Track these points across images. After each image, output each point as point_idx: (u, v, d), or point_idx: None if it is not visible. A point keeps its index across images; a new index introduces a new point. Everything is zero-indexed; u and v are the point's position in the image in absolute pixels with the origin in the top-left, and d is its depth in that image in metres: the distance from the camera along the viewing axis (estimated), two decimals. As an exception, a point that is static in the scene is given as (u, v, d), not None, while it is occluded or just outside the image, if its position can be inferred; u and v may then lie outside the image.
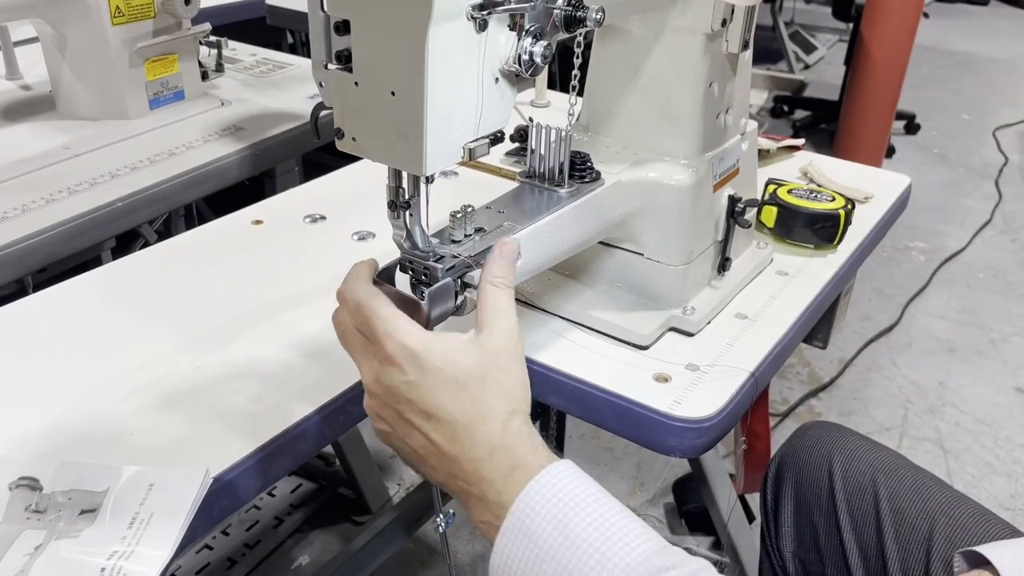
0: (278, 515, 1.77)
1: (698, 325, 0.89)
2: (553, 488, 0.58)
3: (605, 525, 0.56)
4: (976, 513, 0.88)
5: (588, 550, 0.55)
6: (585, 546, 0.55)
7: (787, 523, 0.99)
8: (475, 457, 0.60)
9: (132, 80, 1.31)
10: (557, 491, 0.58)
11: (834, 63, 4.84)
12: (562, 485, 0.58)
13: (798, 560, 0.98)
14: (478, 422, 0.60)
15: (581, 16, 0.65)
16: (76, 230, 1.07)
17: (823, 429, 1.01)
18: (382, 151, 0.63)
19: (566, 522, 0.56)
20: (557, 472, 0.58)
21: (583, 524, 0.56)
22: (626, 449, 2.03)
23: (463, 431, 0.60)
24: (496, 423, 0.60)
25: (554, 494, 0.57)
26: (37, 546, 0.63)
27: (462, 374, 0.60)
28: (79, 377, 0.81)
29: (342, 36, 0.60)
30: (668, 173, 0.85)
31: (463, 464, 0.60)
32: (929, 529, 0.88)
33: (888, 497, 0.91)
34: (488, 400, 0.60)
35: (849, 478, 0.94)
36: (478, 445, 0.60)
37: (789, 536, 0.99)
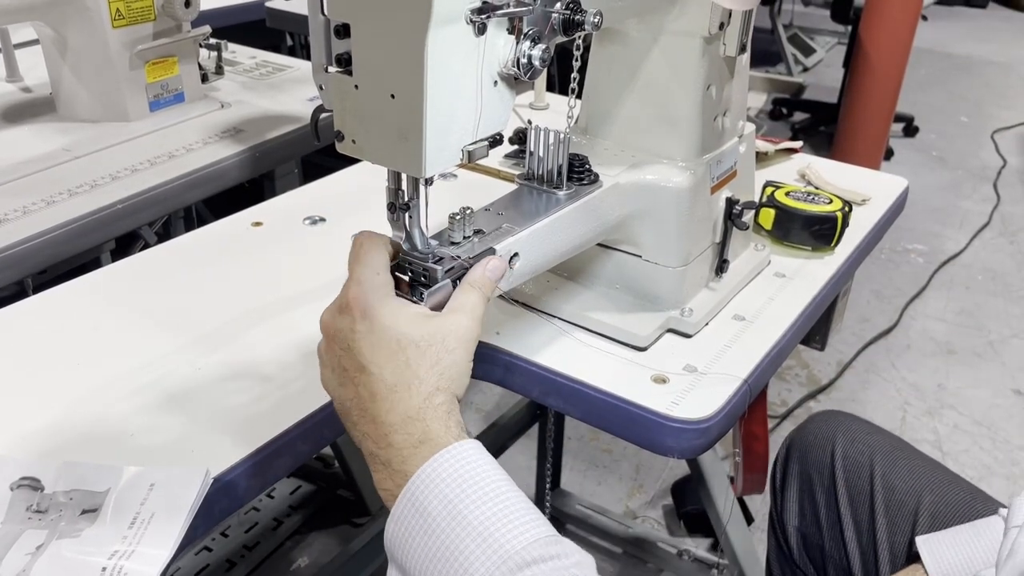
0: (277, 517, 1.77)
1: (696, 326, 0.89)
2: (453, 465, 0.59)
3: (496, 507, 0.57)
4: (964, 492, 0.92)
5: (472, 531, 0.56)
6: (471, 527, 0.56)
7: (792, 499, 1.04)
8: (390, 421, 0.61)
9: (132, 82, 1.32)
10: (455, 469, 0.59)
11: (833, 66, 4.85)
12: (462, 463, 0.59)
13: (800, 534, 1.02)
14: (403, 388, 0.61)
15: (579, 20, 0.66)
16: (76, 232, 1.08)
17: (831, 415, 1.07)
18: (382, 153, 0.63)
19: (457, 501, 0.57)
20: (460, 450, 0.60)
21: (474, 504, 0.57)
22: (625, 451, 2.03)
23: (387, 392, 0.61)
24: (419, 394, 0.61)
25: (452, 472, 0.58)
26: (38, 546, 0.63)
27: (405, 338, 0.62)
28: (80, 378, 0.81)
29: (342, 39, 0.60)
30: (666, 175, 0.86)
31: (378, 425, 0.61)
32: (916, 505, 0.92)
33: (882, 475, 0.96)
34: (420, 371, 0.62)
35: (849, 457, 0.99)
36: (395, 410, 0.61)
37: (793, 512, 1.03)
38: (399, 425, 0.61)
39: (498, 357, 0.85)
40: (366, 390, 0.62)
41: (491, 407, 2.15)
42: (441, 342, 0.63)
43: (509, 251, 0.73)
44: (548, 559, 0.55)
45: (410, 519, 0.59)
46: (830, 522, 0.98)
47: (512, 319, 0.90)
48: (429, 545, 0.57)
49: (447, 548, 0.57)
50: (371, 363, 0.62)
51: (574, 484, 1.93)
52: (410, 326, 0.62)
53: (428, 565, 0.57)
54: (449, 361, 0.63)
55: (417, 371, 0.62)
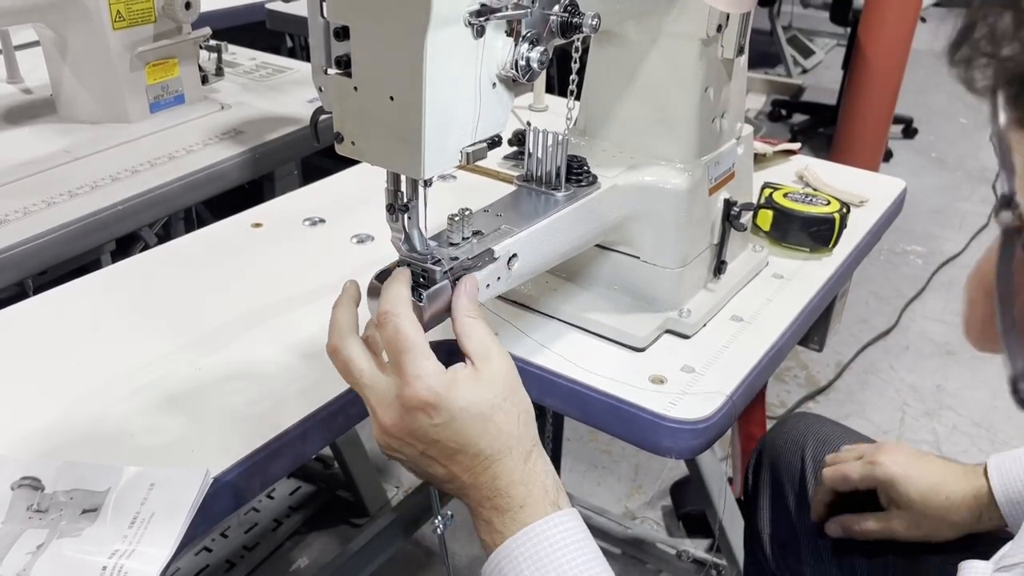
0: (277, 517, 1.77)
1: (694, 327, 0.90)
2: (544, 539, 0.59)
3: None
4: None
5: None
6: None
7: (764, 506, 1.02)
8: (495, 487, 0.61)
9: (132, 84, 1.32)
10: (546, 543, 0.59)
11: (832, 67, 4.85)
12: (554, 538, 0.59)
13: (775, 542, 1.00)
14: (505, 454, 0.61)
15: (577, 22, 0.66)
16: (77, 233, 1.08)
17: (801, 419, 1.05)
18: (381, 155, 0.63)
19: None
20: (554, 523, 0.60)
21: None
22: (624, 451, 2.03)
23: (488, 463, 0.61)
24: (519, 457, 0.62)
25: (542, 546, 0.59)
26: (39, 545, 0.63)
27: (489, 407, 0.61)
28: (80, 378, 0.82)
29: (341, 42, 0.61)
30: (664, 177, 0.86)
31: (481, 491, 0.62)
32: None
33: None
34: (514, 431, 0.62)
35: (819, 461, 0.97)
36: (500, 476, 0.61)
37: (766, 519, 1.01)
38: (503, 491, 0.61)
39: (497, 358, 0.86)
40: (463, 468, 0.62)
41: (490, 408, 2.15)
42: (512, 394, 0.63)
43: (508, 252, 0.73)
44: None
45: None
46: (804, 528, 0.96)
47: (511, 320, 0.90)
48: None
49: None
50: (466, 444, 0.61)
51: (573, 485, 1.93)
52: (484, 394, 0.61)
53: None
54: (527, 409, 0.64)
55: (512, 432, 0.62)
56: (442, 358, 0.71)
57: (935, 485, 0.86)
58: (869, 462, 0.89)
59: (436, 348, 0.63)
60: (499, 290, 0.74)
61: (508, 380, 0.63)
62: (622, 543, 1.76)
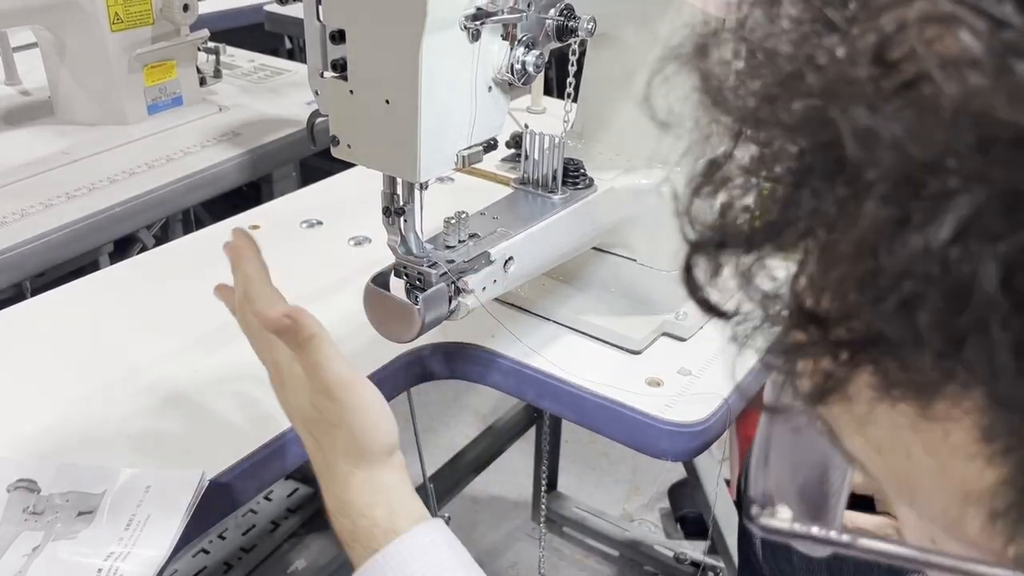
0: (274, 519, 1.77)
1: (690, 330, 0.90)
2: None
3: None
4: None
5: None
6: None
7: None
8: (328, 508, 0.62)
9: (130, 86, 1.32)
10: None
11: (831, 69, 4.85)
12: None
13: (767, 544, 1.00)
14: (327, 475, 0.61)
15: (573, 26, 0.66)
16: (75, 234, 1.08)
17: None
18: (377, 158, 0.64)
19: None
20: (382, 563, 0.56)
21: None
22: (622, 454, 2.03)
23: (319, 472, 0.62)
24: (337, 485, 0.60)
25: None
26: (35, 547, 0.63)
27: (302, 426, 0.62)
28: (77, 380, 0.82)
29: (338, 45, 0.61)
30: (660, 180, 0.86)
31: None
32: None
33: None
34: (328, 458, 0.60)
35: None
36: (328, 497, 0.61)
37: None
38: (333, 516, 0.61)
39: (494, 360, 0.86)
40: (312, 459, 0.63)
41: (488, 410, 2.15)
42: (324, 423, 0.60)
43: (504, 255, 0.74)
44: None
45: None
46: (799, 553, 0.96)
47: (507, 322, 0.90)
48: None
49: None
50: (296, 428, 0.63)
51: (571, 487, 1.93)
52: (299, 410, 0.61)
53: None
54: (344, 436, 0.59)
55: (325, 457, 0.60)
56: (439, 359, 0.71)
57: None
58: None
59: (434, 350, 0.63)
60: (495, 293, 0.75)
61: (326, 411, 0.59)
62: (620, 545, 1.77)
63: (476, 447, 1.70)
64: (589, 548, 1.80)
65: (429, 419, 2.10)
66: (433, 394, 2.18)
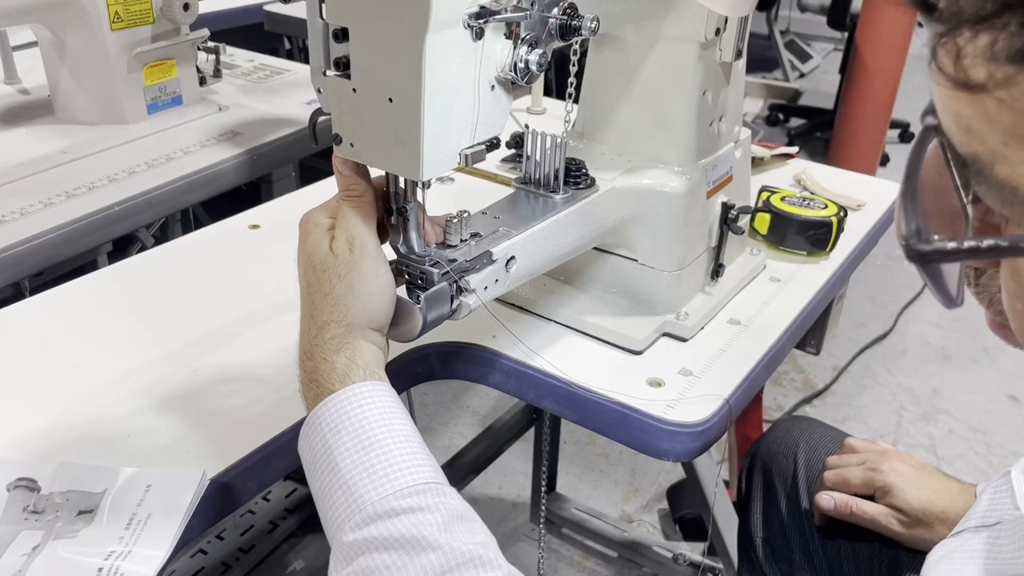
0: (273, 519, 1.77)
1: (691, 331, 0.90)
2: (333, 413, 0.61)
3: (364, 457, 0.59)
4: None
5: (340, 479, 0.59)
6: (339, 475, 0.59)
7: (757, 510, 1.02)
8: (299, 354, 0.65)
9: (130, 85, 1.32)
10: (334, 417, 0.61)
11: (829, 72, 4.86)
12: (341, 411, 0.61)
13: (768, 546, 1.00)
14: (305, 319, 0.65)
15: (576, 25, 0.66)
16: (74, 233, 1.08)
17: (794, 422, 1.05)
18: (380, 157, 0.63)
19: (332, 447, 0.60)
20: (341, 398, 0.61)
21: (346, 452, 0.59)
22: (621, 455, 2.03)
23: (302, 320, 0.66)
24: (313, 327, 0.64)
25: (332, 419, 0.61)
26: (35, 546, 0.63)
27: (308, 260, 0.65)
28: (77, 379, 0.81)
29: (340, 43, 0.61)
30: (662, 180, 0.86)
31: (301, 344, 0.66)
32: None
33: None
34: (315, 300, 0.64)
35: (812, 465, 0.97)
36: (302, 343, 0.65)
37: (759, 522, 1.01)
38: (301, 360, 0.64)
39: (495, 360, 0.86)
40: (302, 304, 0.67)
41: (487, 410, 2.15)
42: (332, 267, 0.64)
43: (506, 255, 0.73)
44: (402, 512, 0.56)
45: (304, 455, 0.63)
46: (797, 533, 0.96)
47: (508, 322, 0.90)
48: (314, 483, 0.61)
49: (323, 490, 0.60)
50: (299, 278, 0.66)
51: (570, 488, 1.93)
52: (316, 247, 0.65)
53: (317, 501, 0.61)
54: (341, 289, 0.63)
55: (313, 299, 0.64)
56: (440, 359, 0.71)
57: (933, 498, 0.86)
58: (871, 468, 0.89)
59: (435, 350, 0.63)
60: (497, 292, 0.74)
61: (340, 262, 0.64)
62: (618, 546, 1.76)
63: (475, 448, 1.70)
64: (588, 549, 1.80)
65: (428, 419, 2.10)
66: (432, 394, 2.18)
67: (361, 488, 0.58)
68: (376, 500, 0.57)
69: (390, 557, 0.55)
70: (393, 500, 0.57)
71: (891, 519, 0.88)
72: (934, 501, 0.85)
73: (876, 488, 0.89)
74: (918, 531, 0.86)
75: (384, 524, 0.56)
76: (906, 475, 0.88)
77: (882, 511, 0.88)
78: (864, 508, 0.89)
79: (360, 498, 0.57)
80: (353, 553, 0.56)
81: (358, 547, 0.56)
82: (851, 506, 0.89)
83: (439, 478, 0.59)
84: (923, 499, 0.86)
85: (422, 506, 0.57)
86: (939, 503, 0.86)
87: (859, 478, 0.90)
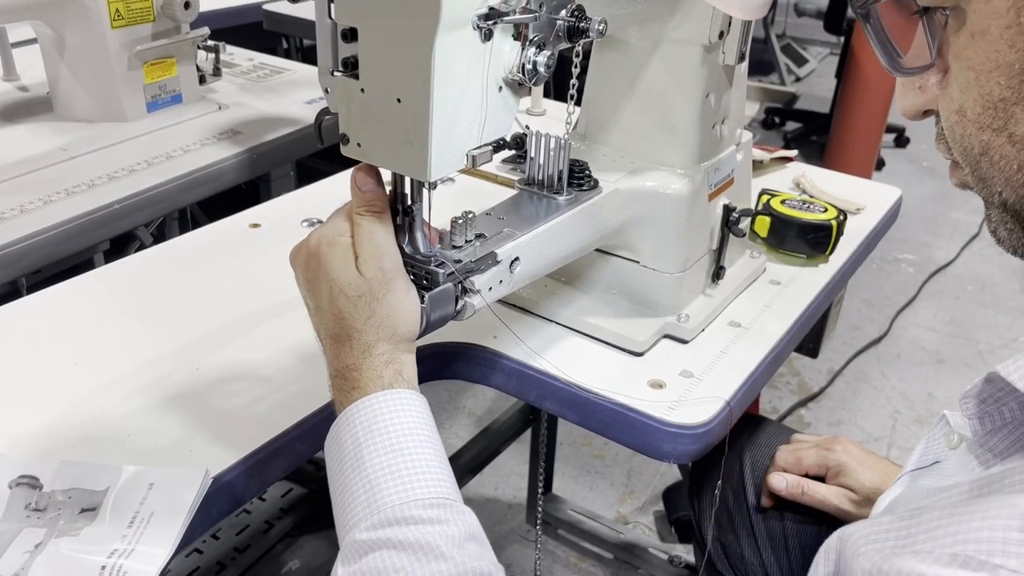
0: (268, 519, 1.77)
1: (692, 332, 0.90)
2: (369, 412, 0.62)
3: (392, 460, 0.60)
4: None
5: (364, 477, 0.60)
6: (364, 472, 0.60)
7: (708, 508, 1.03)
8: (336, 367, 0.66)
9: (130, 83, 1.32)
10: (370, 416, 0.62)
11: (825, 76, 4.88)
12: (379, 412, 0.62)
13: (719, 543, 1.01)
14: (344, 340, 0.65)
15: (584, 27, 0.66)
16: (74, 231, 1.08)
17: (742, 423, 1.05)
18: (387, 157, 0.63)
19: (363, 445, 0.61)
20: (382, 399, 0.63)
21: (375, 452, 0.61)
22: (617, 457, 2.03)
23: (336, 340, 0.65)
24: (359, 347, 0.64)
25: (367, 417, 0.62)
26: (37, 544, 0.63)
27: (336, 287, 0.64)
28: (78, 377, 0.81)
29: (349, 43, 0.61)
30: (665, 182, 0.87)
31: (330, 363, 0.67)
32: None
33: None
34: (356, 324, 0.64)
35: (757, 462, 0.99)
36: (339, 359, 0.65)
37: (709, 521, 1.02)
38: (343, 371, 0.65)
39: (496, 361, 0.86)
40: (323, 329, 0.67)
41: (483, 412, 2.15)
42: (369, 292, 0.64)
43: (510, 255, 0.74)
44: (420, 522, 0.57)
45: (331, 450, 0.63)
46: (745, 529, 0.97)
47: (510, 323, 0.90)
48: (335, 479, 0.62)
49: (344, 486, 0.60)
50: (317, 307, 0.66)
51: (566, 489, 1.93)
52: (344, 276, 0.64)
53: (334, 496, 0.62)
54: (383, 312, 0.64)
55: (353, 324, 0.64)
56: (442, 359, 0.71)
57: (885, 477, 0.89)
58: (824, 448, 0.93)
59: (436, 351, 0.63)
60: (501, 293, 0.75)
61: (376, 285, 0.64)
62: (614, 548, 1.77)
63: (472, 449, 1.70)
64: (584, 551, 1.80)
65: (424, 420, 2.10)
66: (429, 395, 2.16)
67: (384, 489, 0.58)
68: (397, 504, 0.58)
69: (400, 560, 0.55)
70: (414, 508, 0.58)
71: (843, 498, 0.90)
72: (885, 481, 0.88)
73: (829, 467, 0.92)
74: (866, 510, 0.89)
75: (401, 528, 0.56)
76: (858, 456, 0.92)
77: (834, 491, 0.91)
78: (816, 488, 0.92)
79: (381, 499, 0.58)
80: (364, 551, 0.57)
81: (370, 546, 0.57)
82: (803, 487, 0.93)
83: (459, 497, 0.61)
84: (875, 479, 0.89)
85: (441, 518, 0.58)
86: (889, 483, 0.87)
87: (813, 458, 0.93)
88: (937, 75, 0.51)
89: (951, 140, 0.50)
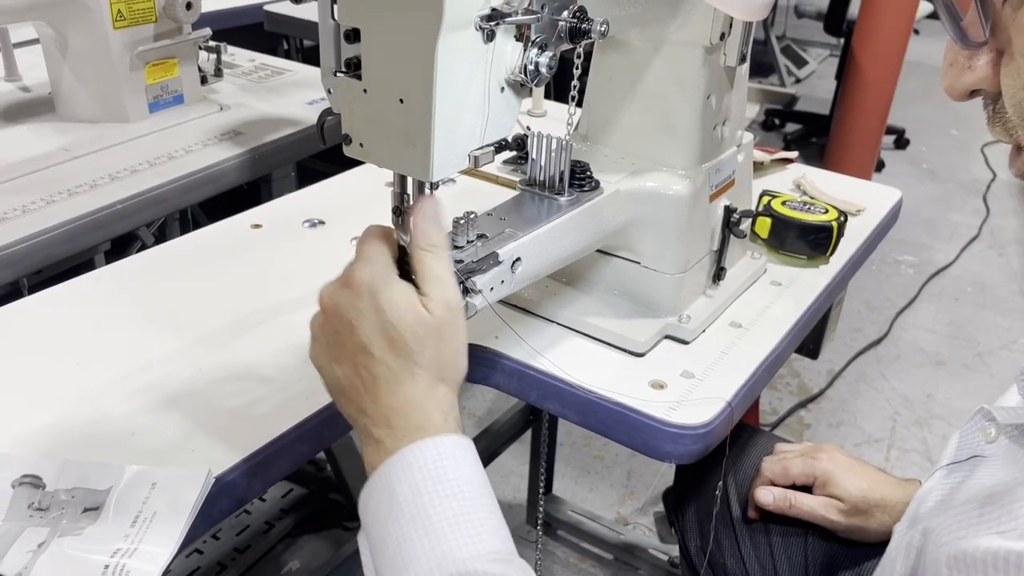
0: (269, 520, 1.77)
1: (693, 333, 0.90)
2: (432, 456, 0.59)
3: (458, 507, 0.58)
4: None
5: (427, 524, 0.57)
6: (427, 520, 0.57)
7: (692, 519, 1.03)
8: (392, 405, 0.61)
9: (132, 83, 1.32)
10: (433, 460, 0.59)
11: (825, 77, 4.88)
12: (442, 456, 0.59)
13: (703, 554, 1.01)
14: (406, 375, 0.61)
15: (586, 28, 0.66)
16: (76, 231, 1.08)
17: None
18: (389, 157, 0.64)
19: (423, 491, 0.58)
20: (445, 443, 0.60)
21: (439, 498, 0.58)
22: (617, 457, 2.03)
23: (390, 377, 0.61)
24: (422, 383, 0.61)
25: (429, 462, 0.59)
26: (40, 543, 0.63)
27: (404, 324, 0.61)
28: (80, 377, 0.81)
29: (352, 44, 0.61)
30: (666, 183, 0.87)
31: (379, 407, 0.62)
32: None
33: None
34: (421, 361, 0.61)
35: (740, 472, 0.99)
36: (398, 394, 0.61)
37: (694, 532, 1.02)
38: (401, 409, 0.61)
39: (497, 361, 0.86)
40: (367, 371, 0.62)
41: (484, 412, 2.15)
42: (435, 333, 0.62)
43: (512, 256, 0.74)
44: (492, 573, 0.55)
45: (379, 495, 0.60)
46: (728, 540, 0.97)
47: (511, 324, 0.91)
48: (389, 526, 0.59)
49: (401, 534, 0.58)
50: (373, 345, 0.61)
51: (566, 490, 1.94)
52: (412, 312, 0.61)
53: (383, 544, 0.59)
54: (448, 353, 0.63)
55: (419, 361, 0.61)
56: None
57: (872, 485, 0.89)
58: (810, 457, 0.92)
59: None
60: (503, 293, 0.75)
61: (443, 326, 0.62)
62: (614, 548, 1.77)
63: (472, 449, 1.70)
64: (584, 551, 1.80)
65: (424, 421, 2.10)
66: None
67: (452, 539, 0.56)
68: (468, 557, 0.56)
69: None
70: (486, 562, 0.56)
71: (830, 508, 0.90)
72: (873, 488, 0.88)
73: (816, 476, 0.91)
74: (855, 520, 0.89)
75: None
76: (844, 464, 0.92)
77: (822, 501, 0.91)
78: (803, 500, 0.91)
79: (450, 552, 0.56)
80: None
81: None
82: (790, 500, 0.92)
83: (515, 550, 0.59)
84: (862, 487, 0.89)
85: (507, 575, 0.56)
86: (878, 491, 0.88)
87: (799, 467, 0.92)
88: (988, 54, 0.50)
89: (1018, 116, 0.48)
